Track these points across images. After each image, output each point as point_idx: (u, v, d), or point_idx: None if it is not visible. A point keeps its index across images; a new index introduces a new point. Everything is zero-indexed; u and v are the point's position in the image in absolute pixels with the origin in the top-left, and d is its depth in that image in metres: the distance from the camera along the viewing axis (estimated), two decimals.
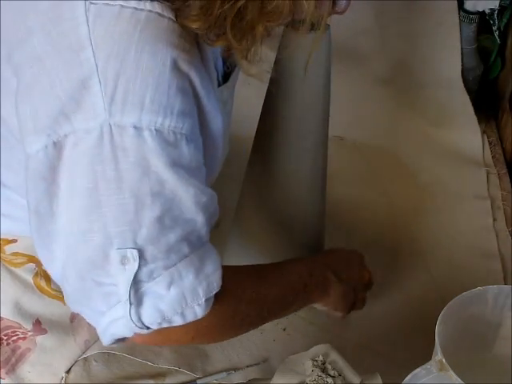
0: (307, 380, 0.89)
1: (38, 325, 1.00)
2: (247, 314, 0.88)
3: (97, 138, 0.71)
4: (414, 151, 1.47)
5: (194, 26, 0.72)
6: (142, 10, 0.72)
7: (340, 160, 1.41)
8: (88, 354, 1.05)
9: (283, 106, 0.98)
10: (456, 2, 1.51)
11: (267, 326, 1.11)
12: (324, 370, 0.91)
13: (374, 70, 1.58)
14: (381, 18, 1.55)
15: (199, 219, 0.78)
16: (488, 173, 1.42)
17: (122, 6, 0.71)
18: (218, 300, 0.82)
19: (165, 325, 0.79)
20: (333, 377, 0.90)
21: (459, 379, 0.80)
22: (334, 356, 0.93)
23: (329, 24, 0.93)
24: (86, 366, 1.05)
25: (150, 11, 0.72)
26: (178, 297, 0.78)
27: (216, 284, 0.80)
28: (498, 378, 0.93)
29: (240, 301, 0.86)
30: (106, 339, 0.82)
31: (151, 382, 1.04)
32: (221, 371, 1.05)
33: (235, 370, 1.05)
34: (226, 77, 0.90)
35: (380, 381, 0.92)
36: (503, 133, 1.51)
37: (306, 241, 1.09)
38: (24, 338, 1.01)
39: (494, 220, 1.32)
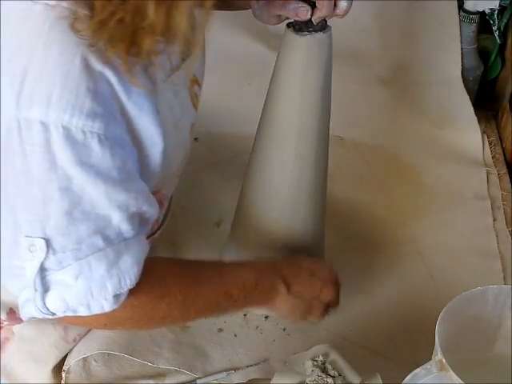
0: (307, 380, 0.90)
1: (13, 314, 0.99)
2: (169, 314, 0.88)
3: (6, 132, 0.72)
4: (414, 151, 1.47)
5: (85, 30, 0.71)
6: (53, 6, 0.72)
7: (340, 160, 1.41)
8: (88, 354, 1.05)
9: (283, 106, 0.98)
10: (456, 2, 1.52)
11: (267, 326, 1.11)
12: (324, 370, 0.91)
13: (374, 70, 1.58)
14: (381, 18, 1.55)
15: (115, 216, 0.78)
16: (488, 173, 1.42)
17: (33, 1, 0.72)
18: (136, 295, 0.83)
19: (69, 313, 0.81)
20: (333, 377, 0.90)
21: (459, 379, 0.80)
22: (334, 356, 0.93)
23: (329, 24, 0.94)
24: (85, 366, 1.05)
25: (64, 8, 0.72)
26: (84, 288, 0.79)
27: (130, 280, 0.81)
28: (498, 378, 0.93)
29: (162, 299, 0.86)
30: (22, 315, 0.84)
31: (151, 381, 1.04)
32: (221, 371, 1.05)
33: (235, 369, 1.05)
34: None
35: (380, 381, 0.92)
36: (503, 133, 1.51)
37: (306, 241, 1.09)
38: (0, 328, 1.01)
39: (494, 220, 1.32)
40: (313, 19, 0.90)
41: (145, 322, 0.89)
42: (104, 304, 0.81)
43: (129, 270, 0.81)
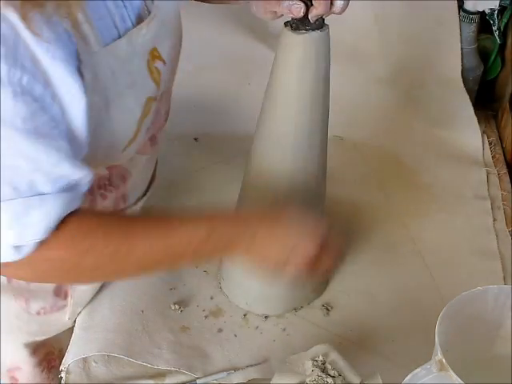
0: (307, 380, 0.89)
1: None
2: (98, 267, 0.87)
3: None
4: (414, 151, 1.47)
5: None
6: None
7: (340, 160, 1.41)
8: (86, 355, 1.05)
9: (282, 106, 0.98)
10: (456, 2, 1.52)
11: (267, 326, 1.11)
12: (324, 370, 0.91)
13: (374, 70, 1.58)
14: (381, 18, 1.55)
15: (23, 167, 0.77)
16: (488, 173, 1.42)
17: None
18: (53, 249, 0.83)
19: None
20: (333, 377, 0.90)
21: (459, 379, 0.80)
22: (334, 356, 0.93)
23: (327, 23, 0.94)
24: (85, 367, 1.05)
25: None
26: None
27: (34, 234, 0.81)
28: (498, 377, 0.93)
29: (87, 253, 0.85)
30: None
31: (151, 382, 1.04)
32: (221, 371, 1.05)
33: (235, 369, 1.05)
34: None
35: (380, 381, 0.92)
36: (503, 133, 1.51)
37: None
38: None
39: (494, 220, 1.32)
40: (310, 17, 0.90)
41: (75, 275, 0.89)
42: (5, 253, 0.81)
43: (34, 224, 0.80)
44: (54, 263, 0.85)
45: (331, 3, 0.89)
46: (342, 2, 0.89)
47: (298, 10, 0.89)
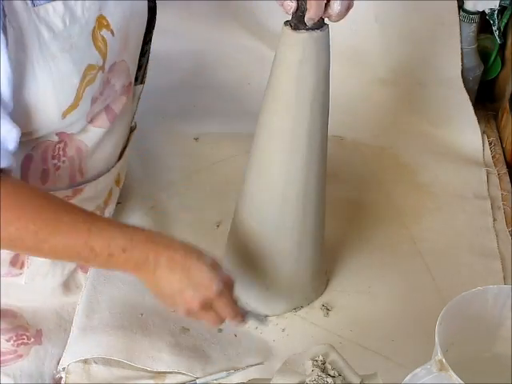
0: (307, 380, 0.89)
1: None
2: (19, 239, 0.86)
3: None
4: (414, 151, 1.47)
5: None
6: None
7: (340, 160, 1.41)
8: (85, 357, 1.05)
9: (282, 105, 0.98)
10: (456, 2, 1.52)
11: (267, 326, 1.11)
12: (324, 370, 0.91)
13: (374, 70, 1.58)
14: (381, 18, 1.55)
15: None
16: (488, 173, 1.42)
17: None
18: None
19: None
20: (333, 377, 0.90)
21: (459, 379, 0.80)
22: (334, 356, 0.92)
23: (328, 24, 0.94)
24: (85, 367, 1.05)
25: None
26: None
27: None
28: (498, 377, 0.93)
29: (11, 223, 0.85)
30: None
31: (151, 381, 1.04)
32: (221, 371, 1.05)
33: (235, 369, 1.05)
34: None
35: (380, 381, 0.92)
36: (503, 133, 1.51)
37: (306, 240, 1.09)
38: None
39: (494, 220, 1.32)
40: (305, 19, 0.90)
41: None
42: None
43: None
44: None
45: (326, 6, 0.89)
46: (339, 8, 0.89)
47: (289, 7, 0.90)
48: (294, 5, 0.89)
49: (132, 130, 1.19)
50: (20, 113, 0.88)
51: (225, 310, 0.97)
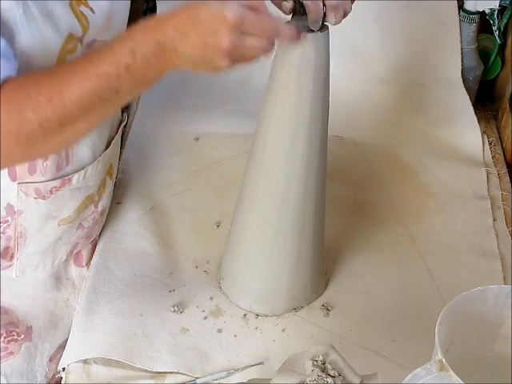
0: (307, 380, 0.89)
1: (10, 208, 0.99)
2: (43, 118, 0.84)
3: None
4: (414, 151, 1.47)
5: None
6: None
7: (340, 160, 1.41)
8: (85, 357, 1.05)
9: (282, 106, 0.98)
10: (456, 2, 1.52)
11: (267, 326, 1.11)
12: (324, 370, 0.91)
13: (374, 70, 1.58)
14: (381, 18, 1.55)
15: None
16: (488, 173, 1.42)
17: None
18: None
19: None
20: (333, 377, 0.90)
21: (459, 379, 0.80)
22: (334, 356, 0.92)
23: (327, 24, 0.94)
24: (85, 367, 1.05)
25: None
26: None
27: None
28: (498, 377, 0.93)
29: (25, 109, 0.83)
30: None
31: (151, 382, 1.04)
32: (221, 371, 1.05)
33: (235, 370, 1.05)
34: None
35: (380, 381, 0.92)
36: (503, 133, 1.51)
37: (306, 241, 1.09)
38: None
39: (494, 220, 1.32)
40: (309, 24, 0.91)
41: (26, 137, 0.85)
42: None
43: None
44: None
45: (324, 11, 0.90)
46: (334, 21, 0.90)
47: (285, 9, 0.92)
48: (289, 5, 0.91)
49: (121, 122, 1.18)
50: None
51: (258, 26, 0.85)
